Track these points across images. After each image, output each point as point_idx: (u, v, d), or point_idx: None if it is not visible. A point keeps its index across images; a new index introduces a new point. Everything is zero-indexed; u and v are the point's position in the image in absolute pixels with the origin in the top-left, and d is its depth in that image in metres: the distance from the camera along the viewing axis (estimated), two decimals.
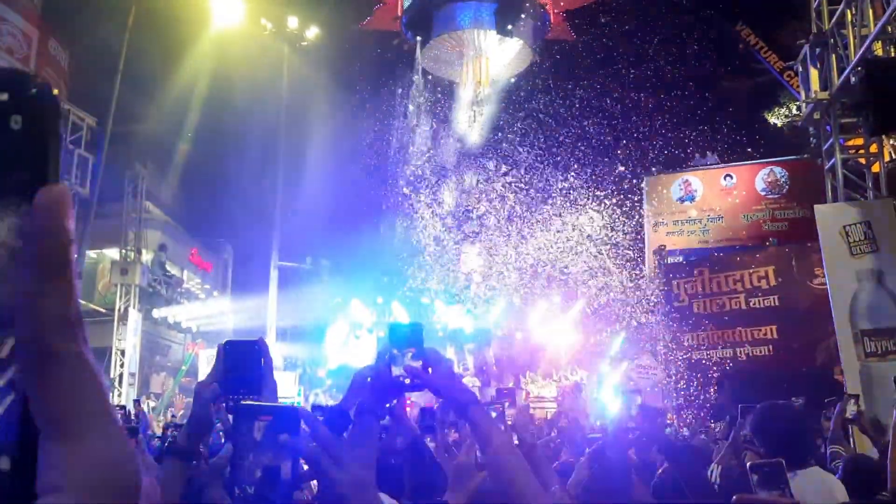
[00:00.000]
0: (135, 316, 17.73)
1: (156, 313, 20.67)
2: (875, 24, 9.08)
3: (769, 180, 19.11)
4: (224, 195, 26.10)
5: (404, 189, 22.33)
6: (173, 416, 13.51)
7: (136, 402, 11.86)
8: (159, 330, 21.81)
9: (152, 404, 16.71)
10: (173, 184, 27.03)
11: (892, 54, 9.17)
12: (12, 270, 0.46)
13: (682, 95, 22.33)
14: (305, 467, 1.33)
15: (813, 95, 10.62)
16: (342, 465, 1.29)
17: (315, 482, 1.36)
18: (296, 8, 21.27)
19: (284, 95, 21.36)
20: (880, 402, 8.25)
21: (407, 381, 1.75)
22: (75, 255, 0.47)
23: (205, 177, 26.21)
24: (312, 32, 21.53)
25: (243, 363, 1.50)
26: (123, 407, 10.23)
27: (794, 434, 3.26)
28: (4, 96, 0.48)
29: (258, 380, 1.51)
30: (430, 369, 1.76)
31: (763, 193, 19.13)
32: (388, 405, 1.74)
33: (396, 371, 1.76)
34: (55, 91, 0.52)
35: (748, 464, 2.20)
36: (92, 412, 0.46)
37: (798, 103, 13.35)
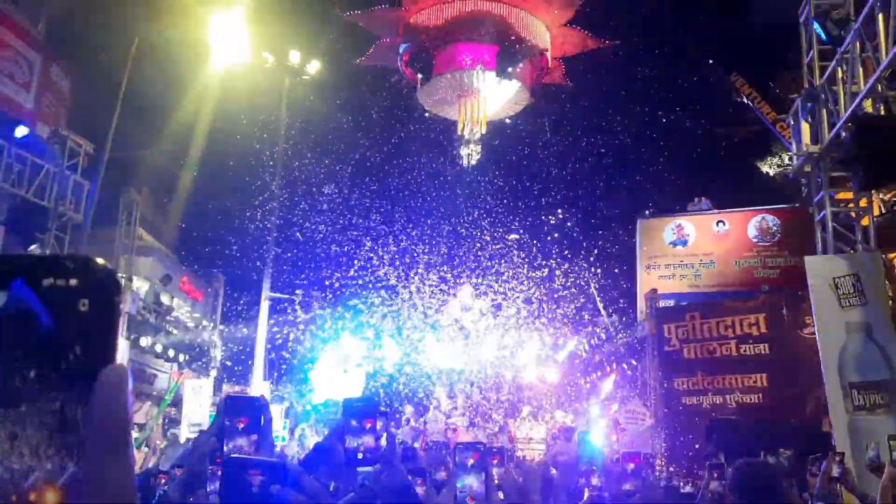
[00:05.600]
0: (123, 344, 17.59)
1: (143, 341, 20.47)
2: (865, 82, 9.25)
3: (761, 227, 19.27)
4: (218, 225, 26.10)
5: (398, 224, 22.41)
6: (158, 456, 13.11)
7: None
8: (146, 358, 21.58)
9: (135, 435, 16.48)
10: (167, 211, 27.04)
11: (882, 112, 9.33)
12: (62, 436, 0.50)
13: (676, 141, 22.61)
14: None
15: (804, 148, 10.77)
16: None
17: None
18: (298, 41, 21.52)
19: (283, 128, 21.50)
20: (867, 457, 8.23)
21: (361, 455, 1.76)
22: (132, 430, 0.52)
23: (200, 206, 26.22)
24: (314, 67, 21.73)
25: (243, 419, 1.52)
26: None
27: (770, 491, 3.33)
28: (74, 281, 0.53)
29: (256, 437, 1.52)
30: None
31: (755, 240, 19.28)
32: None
33: (352, 443, 1.77)
34: (117, 274, 0.57)
35: None
36: None
37: (790, 154, 13.53)
